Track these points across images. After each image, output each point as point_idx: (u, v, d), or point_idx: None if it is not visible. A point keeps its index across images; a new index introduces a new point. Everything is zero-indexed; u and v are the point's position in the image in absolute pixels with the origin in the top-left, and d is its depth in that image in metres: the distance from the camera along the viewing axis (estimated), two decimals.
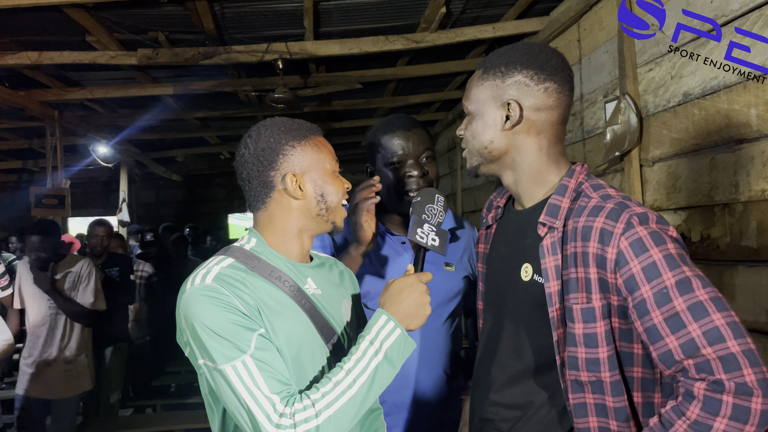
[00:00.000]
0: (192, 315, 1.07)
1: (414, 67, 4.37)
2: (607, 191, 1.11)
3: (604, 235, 1.02)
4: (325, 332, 1.19)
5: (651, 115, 2.45)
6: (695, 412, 0.91)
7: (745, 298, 1.94)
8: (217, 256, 1.17)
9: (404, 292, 1.17)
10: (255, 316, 1.08)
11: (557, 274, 1.09)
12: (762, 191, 1.86)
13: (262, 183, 1.20)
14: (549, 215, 1.12)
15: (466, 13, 3.45)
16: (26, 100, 4.51)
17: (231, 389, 1.02)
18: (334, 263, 1.38)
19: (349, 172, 9.51)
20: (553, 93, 1.15)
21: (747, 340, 0.92)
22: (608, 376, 1.04)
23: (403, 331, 1.14)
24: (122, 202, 7.46)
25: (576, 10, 3.03)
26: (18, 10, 3.03)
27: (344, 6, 3.31)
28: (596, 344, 1.04)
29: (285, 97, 4.12)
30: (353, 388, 1.06)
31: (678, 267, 0.97)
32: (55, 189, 5.15)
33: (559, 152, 1.20)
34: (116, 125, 5.80)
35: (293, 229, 1.22)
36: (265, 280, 1.14)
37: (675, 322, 0.95)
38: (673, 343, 0.95)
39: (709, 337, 0.92)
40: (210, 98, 5.15)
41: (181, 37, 3.64)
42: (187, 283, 1.11)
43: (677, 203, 2.30)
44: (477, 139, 1.19)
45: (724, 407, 0.89)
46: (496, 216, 1.34)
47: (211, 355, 1.04)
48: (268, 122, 1.24)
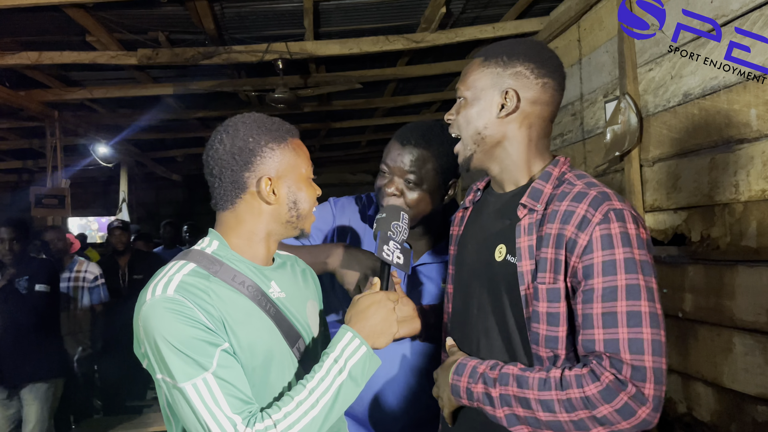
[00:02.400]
0: (152, 328, 1.01)
1: (414, 67, 4.37)
2: (591, 180, 1.15)
3: (582, 222, 1.07)
4: (291, 337, 1.15)
5: (651, 115, 2.45)
6: (593, 391, 1.01)
7: (745, 298, 1.94)
8: (176, 261, 1.11)
9: (371, 309, 1.15)
10: (219, 328, 1.04)
11: (530, 254, 1.12)
12: (762, 191, 1.86)
13: (234, 183, 1.14)
14: (531, 198, 1.15)
15: (466, 13, 3.45)
16: (26, 100, 4.51)
17: (190, 408, 0.98)
18: (294, 261, 1.33)
19: (350, 172, 9.51)
20: (549, 89, 1.18)
21: (662, 360, 1.02)
22: (564, 354, 1.09)
23: (369, 349, 1.12)
24: (122, 202, 7.47)
25: (576, 10, 3.03)
26: (18, 10, 3.03)
27: (344, 6, 3.31)
28: (557, 323, 1.09)
29: (285, 97, 4.12)
30: (316, 408, 1.03)
31: (634, 273, 1.04)
32: (55, 189, 5.15)
33: (545, 146, 1.23)
34: (116, 125, 5.80)
35: (260, 233, 1.17)
36: (228, 287, 1.09)
37: (610, 320, 1.03)
38: (600, 335, 1.03)
39: (632, 345, 1.01)
40: (210, 98, 5.15)
41: (181, 37, 3.64)
42: (146, 293, 1.05)
43: (677, 203, 2.30)
44: (471, 125, 1.20)
45: (617, 400, 0.99)
46: (473, 199, 1.35)
47: (171, 371, 0.99)
48: (246, 117, 1.18)
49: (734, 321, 1.98)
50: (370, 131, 7.11)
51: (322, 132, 6.87)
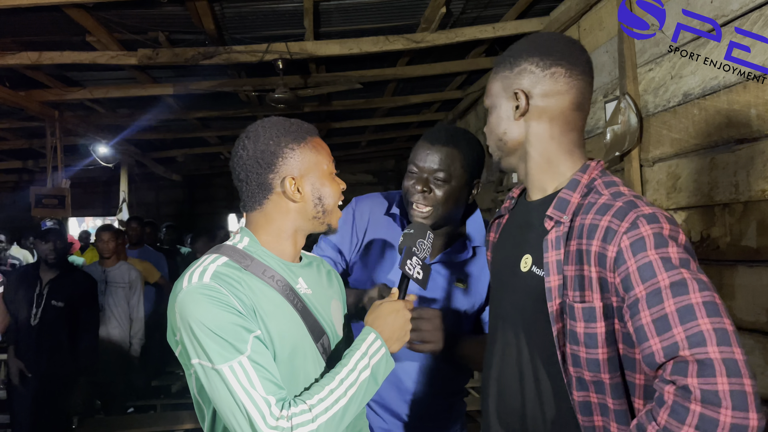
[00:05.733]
0: (189, 313, 1.06)
1: (414, 67, 4.37)
2: (620, 189, 1.08)
3: (607, 234, 1.01)
4: (315, 332, 1.20)
5: (651, 115, 2.45)
6: (664, 417, 0.88)
7: (745, 298, 1.94)
8: (210, 255, 1.16)
9: (392, 316, 1.21)
10: (251, 316, 1.08)
11: (558, 269, 1.08)
12: (762, 191, 1.86)
13: (260, 185, 1.19)
14: (557, 209, 1.11)
15: (466, 13, 3.45)
16: (26, 100, 4.51)
17: (227, 388, 1.02)
18: (320, 262, 1.38)
19: (350, 172, 9.51)
20: (561, 77, 1.13)
21: (733, 349, 0.87)
22: (608, 378, 1.02)
23: (387, 351, 1.18)
24: (122, 202, 7.47)
25: (576, 10, 3.03)
26: (18, 10, 3.03)
27: (344, 6, 3.31)
28: (596, 345, 1.03)
29: (285, 97, 4.12)
30: (345, 397, 1.09)
31: (675, 269, 0.94)
32: (55, 189, 5.15)
33: (572, 142, 1.16)
34: (116, 125, 5.80)
35: (288, 230, 1.22)
36: (259, 280, 1.14)
37: (662, 324, 0.92)
38: (657, 345, 0.92)
39: (691, 340, 0.88)
40: (210, 98, 5.15)
41: (181, 37, 3.64)
42: (182, 281, 1.10)
43: (677, 203, 2.30)
44: (493, 132, 1.20)
45: (690, 416, 0.85)
46: (509, 206, 1.34)
47: (208, 354, 1.03)
48: (266, 122, 1.22)
49: (734, 321, 1.98)
50: (370, 131, 7.11)
51: (322, 132, 6.82)
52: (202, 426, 1.19)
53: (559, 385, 1.10)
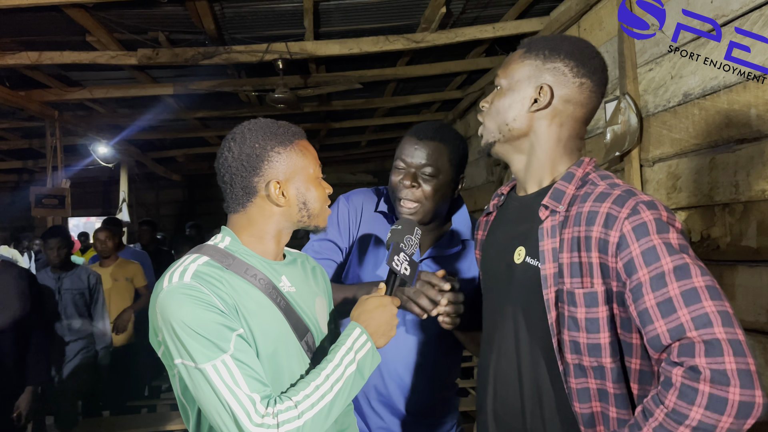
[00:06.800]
0: (170, 313, 1.05)
1: (414, 67, 4.37)
2: (615, 180, 1.12)
3: (608, 220, 1.02)
4: (299, 330, 1.19)
5: (651, 115, 2.45)
6: (672, 400, 0.89)
7: (745, 298, 1.94)
8: (191, 254, 1.16)
9: (378, 311, 1.21)
10: (233, 314, 1.08)
11: (554, 257, 1.09)
12: (762, 191, 1.86)
13: (244, 188, 1.18)
14: (553, 199, 1.12)
15: (466, 13, 3.46)
16: (26, 100, 4.51)
17: (211, 387, 1.02)
18: (305, 259, 1.37)
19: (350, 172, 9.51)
20: (586, 90, 1.15)
21: (736, 330, 0.91)
22: (609, 362, 1.04)
23: (373, 345, 1.18)
24: (122, 202, 7.47)
25: (576, 10, 3.04)
26: (18, 10, 3.03)
27: (344, 6, 3.31)
28: (598, 329, 1.04)
29: (285, 97, 4.12)
30: (331, 393, 1.09)
31: (678, 253, 0.97)
32: (55, 189, 5.15)
33: (574, 147, 1.20)
34: (116, 125, 5.81)
35: (272, 232, 1.21)
36: (241, 279, 1.13)
37: (666, 307, 0.94)
38: (662, 327, 0.94)
39: (697, 321, 0.91)
40: (210, 98, 5.15)
41: (181, 37, 3.64)
42: (163, 281, 1.09)
43: (677, 203, 2.30)
44: (501, 115, 1.19)
45: (699, 396, 0.87)
46: (498, 203, 1.35)
47: (190, 353, 1.03)
48: (252, 124, 1.21)
49: None
50: (370, 131, 7.11)
51: (322, 132, 6.87)
52: (187, 426, 1.17)
53: (558, 373, 1.11)
